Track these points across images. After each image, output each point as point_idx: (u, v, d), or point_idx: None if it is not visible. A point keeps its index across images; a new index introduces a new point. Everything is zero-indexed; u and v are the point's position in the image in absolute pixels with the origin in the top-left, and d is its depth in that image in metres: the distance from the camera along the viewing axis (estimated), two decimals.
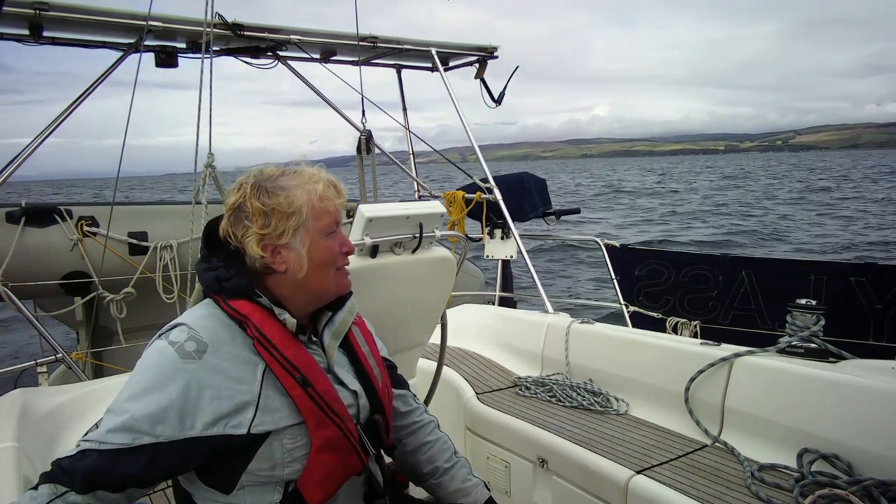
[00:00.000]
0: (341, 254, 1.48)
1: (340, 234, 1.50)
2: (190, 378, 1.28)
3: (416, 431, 1.73)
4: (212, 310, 1.39)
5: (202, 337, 1.33)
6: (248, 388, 1.32)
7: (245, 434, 1.30)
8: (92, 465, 1.22)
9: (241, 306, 1.37)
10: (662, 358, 2.67)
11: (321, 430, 1.37)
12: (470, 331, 3.53)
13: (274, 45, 4.48)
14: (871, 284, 4.43)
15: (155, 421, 1.24)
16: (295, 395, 1.35)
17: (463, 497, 1.67)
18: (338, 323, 1.52)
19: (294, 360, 1.37)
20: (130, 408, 1.25)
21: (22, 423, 1.98)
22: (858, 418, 2.04)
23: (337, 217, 1.47)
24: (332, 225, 1.45)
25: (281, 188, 1.40)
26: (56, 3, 3.60)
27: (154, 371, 1.29)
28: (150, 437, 1.24)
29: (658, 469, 2.15)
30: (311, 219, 1.41)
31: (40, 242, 4.19)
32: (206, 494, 1.38)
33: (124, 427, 1.24)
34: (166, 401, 1.25)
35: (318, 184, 1.43)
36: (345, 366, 1.54)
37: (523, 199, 5.41)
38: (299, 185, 1.42)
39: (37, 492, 1.22)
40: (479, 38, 11.32)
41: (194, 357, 1.30)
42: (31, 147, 3.71)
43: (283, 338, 1.37)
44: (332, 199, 1.45)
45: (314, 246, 1.42)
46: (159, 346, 1.32)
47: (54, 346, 3.67)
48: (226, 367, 1.32)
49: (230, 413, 1.30)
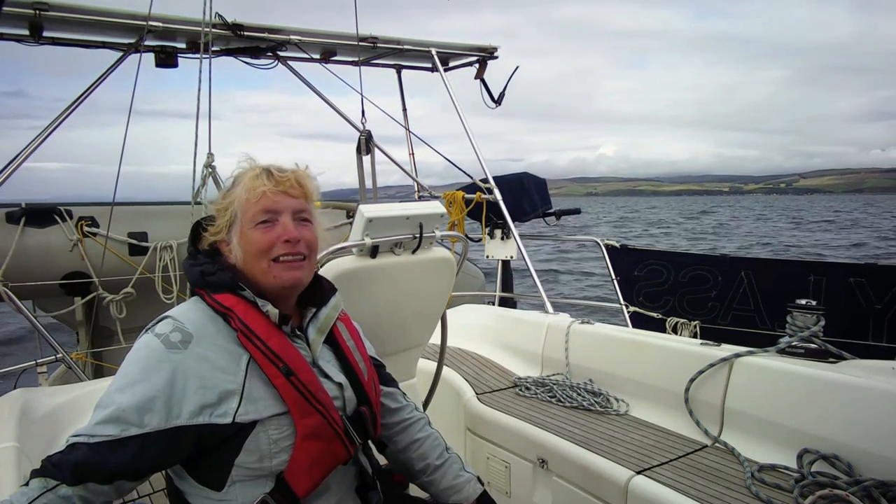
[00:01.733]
0: (280, 242, 1.42)
1: (283, 224, 1.44)
2: (176, 367, 1.30)
3: (407, 428, 1.72)
4: (198, 304, 1.42)
5: (187, 328, 1.35)
6: (232, 378, 1.34)
7: (230, 423, 1.31)
8: (81, 457, 1.23)
9: (224, 299, 1.39)
10: (662, 358, 2.67)
11: (305, 418, 1.38)
12: (470, 331, 3.53)
13: (274, 45, 4.48)
14: (870, 285, 4.43)
15: (142, 411, 1.25)
16: (278, 384, 1.36)
17: (455, 493, 1.66)
18: (322, 319, 1.54)
19: (277, 350, 1.38)
20: (117, 399, 1.27)
21: (22, 423, 1.98)
22: (858, 419, 2.04)
23: (269, 205, 1.43)
24: (260, 214, 1.42)
25: (231, 187, 1.48)
26: (56, 4, 3.60)
27: (140, 363, 1.31)
28: (137, 428, 1.25)
29: (658, 469, 2.15)
30: (240, 211, 1.45)
31: (40, 242, 4.19)
32: (198, 492, 1.39)
33: (112, 419, 1.25)
34: (153, 390, 1.27)
35: (246, 176, 1.46)
36: (330, 360, 1.55)
37: (523, 199, 5.41)
38: (239, 181, 1.47)
39: (28, 487, 1.24)
40: (491, 76, 10.98)
41: (179, 347, 1.32)
42: (30, 147, 3.72)
43: (266, 329, 1.39)
44: (260, 187, 1.42)
45: (243, 237, 1.44)
46: (146, 340, 1.35)
47: (54, 346, 3.67)
48: (211, 357, 1.34)
49: (215, 402, 1.31)
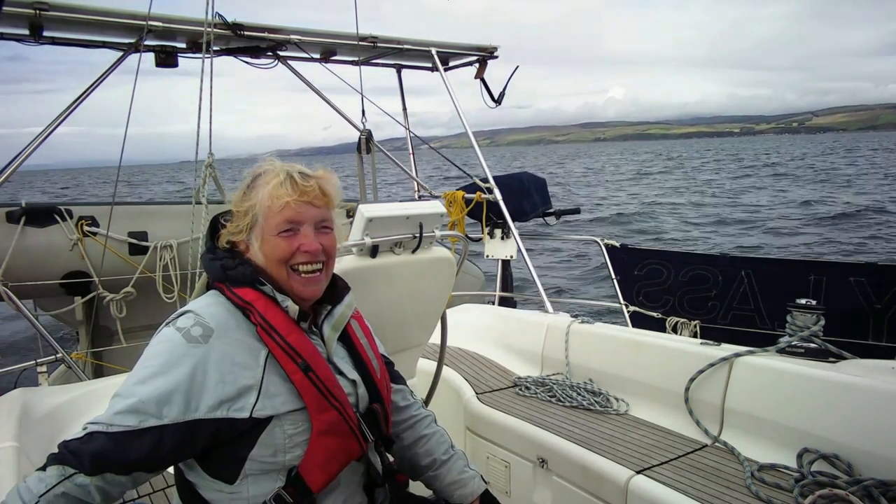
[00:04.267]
0: (300, 252, 1.43)
1: (304, 234, 1.44)
2: (197, 361, 1.30)
3: (414, 425, 1.74)
4: (217, 298, 1.43)
5: (208, 322, 1.36)
6: (251, 373, 1.35)
7: (247, 418, 1.32)
8: (100, 447, 1.24)
9: (245, 294, 1.40)
10: (662, 358, 2.67)
11: (322, 414, 1.39)
12: (470, 331, 3.53)
13: (274, 44, 4.48)
14: (870, 284, 4.43)
15: (161, 403, 1.26)
16: (296, 379, 1.37)
17: (459, 488, 1.68)
18: (336, 316, 1.55)
19: (296, 346, 1.39)
20: (138, 391, 1.27)
21: (22, 423, 1.98)
22: (858, 418, 2.04)
23: (292, 216, 1.42)
24: (282, 224, 1.42)
25: (253, 187, 1.46)
26: (56, 3, 3.59)
27: (163, 356, 1.31)
28: (156, 420, 1.26)
29: (658, 469, 2.15)
30: (262, 217, 1.44)
31: (40, 242, 4.19)
32: (210, 485, 1.39)
33: (131, 409, 1.26)
34: (173, 384, 1.28)
35: (270, 184, 1.44)
36: (344, 357, 1.56)
37: (523, 198, 5.41)
38: (261, 183, 1.46)
39: (45, 473, 1.24)
40: (491, 23, 11.02)
41: (200, 341, 1.32)
42: (33, 144, 3.72)
43: (285, 324, 1.40)
44: (284, 197, 1.41)
45: (265, 243, 1.44)
46: (167, 333, 1.35)
47: (54, 346, 3.67)
48: (230, 352, 1.34)
49: (233, 397, 1.32)
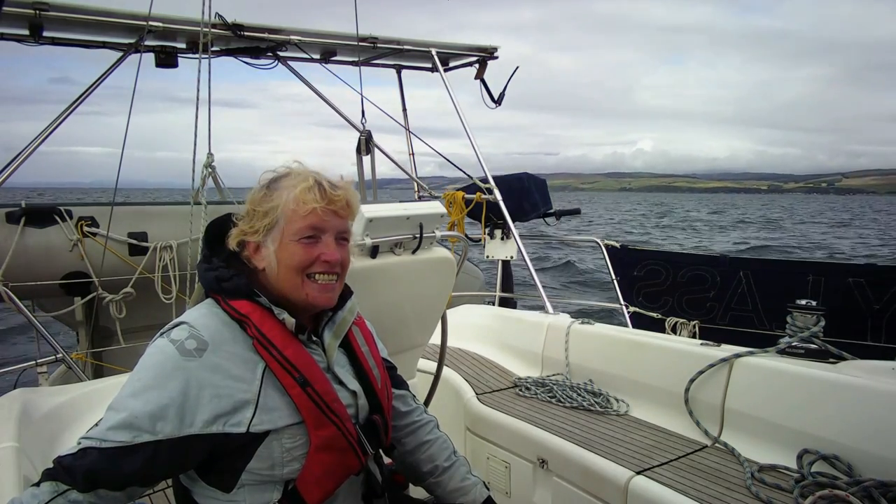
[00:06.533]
0: (319, 261, 1.41)
1: (325, 243, 1.42)
2: (190, 376, 1.28)
3: (416, 431, 1.73)
4: (213, 309, 1.40)
5: (203, 335, 1.33)
6: (247, 387, 1.33)
7: (244, 433, 1.31)
8: (93, 463, 1.22)
9: (241, 306, 1.37)
10: (662, 358, 2.67)
11: (320, 429, 1.37)
12: (470, 331, 3.53)
13: (274, 45, 4.48)
14: (868, 285, 4.43)
15: (155, 418, 1.24)
16: (294, 394, 1.35)
17: (462, 496, 1.67)
18: (338, 322, 1.53)
19: (293, 360, 1.37)
20: (131, 405, 1.25)
21: (22, 423, 1.98)
22: (859, 419, 2.04)
23: (316, 223, 1.40)
24: (306, 230, 1.40)
25: (275, 188, 1.42)
26: (56, 4, 3.60)
27: (155, 369, 1.29)
28: (149, 435, 1.24)
29: (658, 470, 2.15)
30: (284, 220, 1.40)
31: (40, 242, 4.18)
32: (206, 493, 1.38)
33: (124, 425, 1.24)
34: (166, 398, 1.26)
35: (297, 188, 1.40)
36: (344, 365, 1.54)
37: (523, 199, 5.41)
38: (286, 185, 1.42)
39: (38, 489, 1.23)
40: (528, 69, 11.20)
41: (195, 355, 1.30)
42: (31, 146, 3.73)
43: (282, 337, 1.38)
44: (311, 203, 1.39)
45: (282, 248, 1.40)
46: (160, 345, 1.33)
47: (54, 346, 3.67)
48: (226, 366, 1.32)
49: (229, 411, 1.30)
